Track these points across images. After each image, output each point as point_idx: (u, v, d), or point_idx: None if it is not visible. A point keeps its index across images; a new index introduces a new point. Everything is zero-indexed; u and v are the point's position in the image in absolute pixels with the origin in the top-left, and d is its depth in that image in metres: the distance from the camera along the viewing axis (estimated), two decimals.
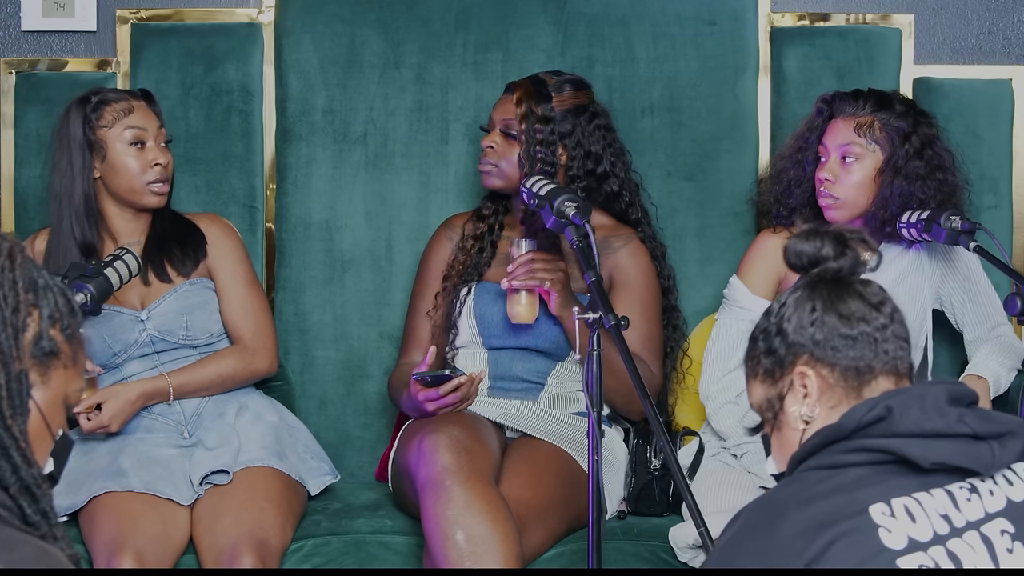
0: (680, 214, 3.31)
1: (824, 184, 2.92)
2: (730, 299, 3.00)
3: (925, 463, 1.58)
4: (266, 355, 2.98)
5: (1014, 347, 3.01)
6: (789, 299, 1.74)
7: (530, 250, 2.82)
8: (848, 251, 1.73)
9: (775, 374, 1.73)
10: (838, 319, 1.69)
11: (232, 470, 2.76)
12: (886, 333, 1.71)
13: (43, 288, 1.58)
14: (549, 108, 2.93)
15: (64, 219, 2.90)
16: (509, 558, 2.51)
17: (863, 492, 1.57)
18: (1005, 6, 3.48)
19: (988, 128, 3.34)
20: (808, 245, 1.74)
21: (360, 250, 3.32)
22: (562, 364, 2.96)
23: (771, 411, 1.75)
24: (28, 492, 1.52)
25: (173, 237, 2.96)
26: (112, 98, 2.90)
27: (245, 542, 2.61)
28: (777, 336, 1.72)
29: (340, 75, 3.33)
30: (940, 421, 1.60)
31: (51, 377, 1.59)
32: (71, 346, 1.61)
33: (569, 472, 2.79)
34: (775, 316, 1.74)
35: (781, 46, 3.38)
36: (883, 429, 1.60)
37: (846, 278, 1.73)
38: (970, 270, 3.02)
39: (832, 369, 1.69)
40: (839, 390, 1.69)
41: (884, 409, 1.61)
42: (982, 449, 1.60)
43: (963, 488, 1.60)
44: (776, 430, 1.75)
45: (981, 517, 1.58)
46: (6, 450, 1.52)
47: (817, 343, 1.69)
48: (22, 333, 1.55)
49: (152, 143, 2.89)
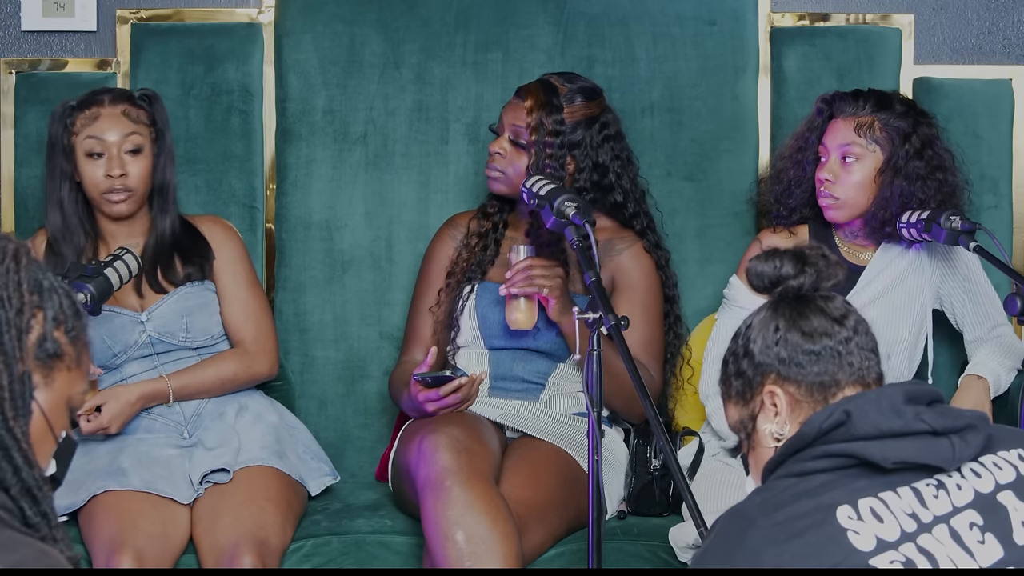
0: (680, 214, 3.31)
1: (824, 184, 2.92)
2: (730, 299, 3.00)
3: (887, 463, 1.60)
4: (267, 358, 2.98)
5: (1014, 347, 3.01)
6: (754, 320, 1.77)
7: (528, 256, 2.81)
8: (808, 268, 1.76)
9: (746, 395, 1.76)
10: (801, 336, 1.72)
11: (232, 469, 2.76)
12: (850, 346, 1.73)
13: (48, 290, 1.58)
14: (560, 120, 2.92)
15: (54, 222, 2.91)
16: (509, 558, 2.51)
17: (828, 496, 1.58)
18: (1005, 6, 3.48)
19: (988, 128, 3.34)
20: (767, 266, 1.77)
21: (360, 250, 3.32)
22: (563, 365, 2.96)
23: (745, 431, 1.78)
24: (29, 494, 1.52)
25: (171, 246, 2.94)
26: (85, 103, 2.89)
27: (245, 542, 2.61)
28: (745, 358, 1.76)
29: (340, 75, 3.33)
30: (897, 421, 1.61)
31: (54, 379, 1.58)
32: (75, 348, 1.61)
33: (569, 472, 2.79)
34: (742, 338, 1.78)
35: (781, 46, 3.38)
36: (843, 434, 1.62)
37: (808, 295, 1.76)
38: (970, 270, 3.02)
39: (799, 386, 1.72)
40: (807, 405, 1.72)
41: (843, 414, 1.63)
42: (942, 445, 1.61)
43: (930, 485, 1.61)
44: (752, 449, 1.78)
45: (949, 511, 1.60)
46: (7, 452, 1.51)
47: (783, 361, 1.72)
48: (26, 334, 1.55)
49: (115, 152, 2.86)
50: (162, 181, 2.94)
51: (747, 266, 1.80)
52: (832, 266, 1.79)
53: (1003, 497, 1.63)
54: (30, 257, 1.59)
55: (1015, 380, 2.99)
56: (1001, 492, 1.63)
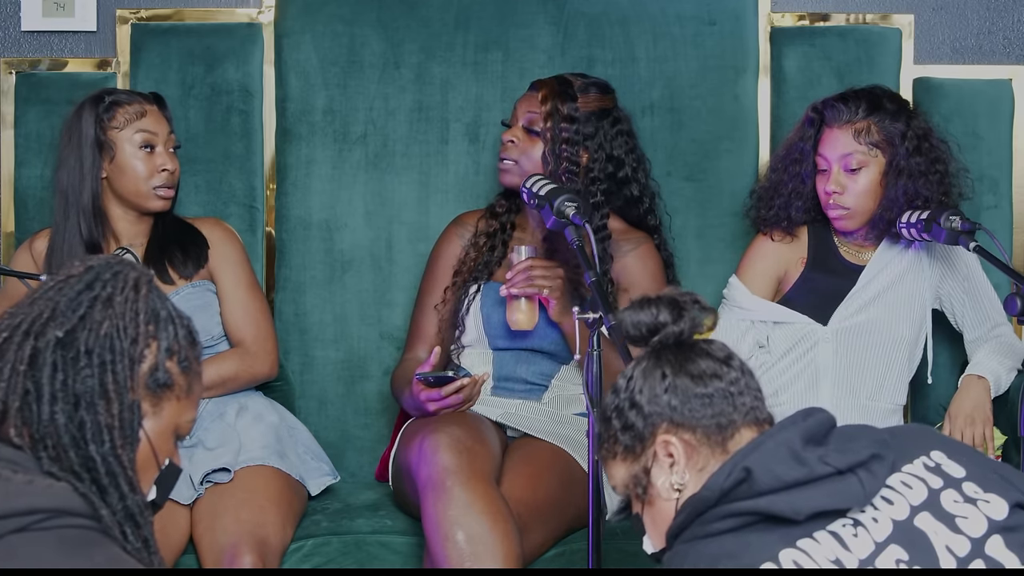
0: (680, 214, 3.31)
1: (832, 196, 2.91)
2: (729, 299, 3.01)
3: (799, 516, 1.55)
4: (266, 359, 2.98)
5: (1014, 347, 3.01)
6: (635, 372, 1.70)
7: (529, 257, 2.81)
8: (685, 313, 1.70)
9: (635, 449, 1.70)
10: (690, 380, 1.67)
11: (233, 469, 2.76)
12: (740, 385, 1.68)
13: (164, 320, 1.62)
14: (574, 108, 2.93)
15: (70, 217, 2.90)
16: (509, 558, 2.51)
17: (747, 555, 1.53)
18: (1005, 6, 3.48)
19: (988, 128, 3.34)
20: (644, 314, 1.71)
21: (360, 250, 3.32)
22: (566, 367, 2.96)
23: (640, 487, 1.71)
24: (132, 519, 1.55)
25: (175, 240, 2.97)
26: (126, 100, 2.92)
27: (245, 541, 2.61)
28: (632, 410, 1.69)
29: (340, 75, 3.33)
30: (801, 469, 1.56)
31: (163, 408, 1.62)
32: (187, 378, 1.64)
33: (570, 473, 2.79)
34: (624, 392, 1.70)
35: (781, 46, 3.38)
36: (746, 491, 1.57)
37: (688, 340, 1.71)
38: (970, 270, 3.02)
39: (694, 432, 1.66)
40: (704, 450, 1.66)
41: (742, 471, 1.58)
42: (851, 484, 1.57)
43: (846, 525, 1.57)
44: (648, 505, 1.71)
45: (872, 551, 1.55)
46: (115, 478, 1.55)
47: (674, 408, 1.66)
48: (138, 364, 1.59)
49: (161, 148, 2.92)
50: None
51: (620, 317, 1.73)
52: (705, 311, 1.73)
53: (920, 521, 1.59)
54: (151, 286, 1.63)
55: (1015, 380, 2.99)
56: (917, 515, 1.59)
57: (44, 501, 1.47)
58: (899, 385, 2.98)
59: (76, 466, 1.54)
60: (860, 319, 2.95)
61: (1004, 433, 2.95)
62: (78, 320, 1.57)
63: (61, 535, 1.46)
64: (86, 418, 1.55)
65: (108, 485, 1.54)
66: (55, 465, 1.54)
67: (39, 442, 1.55)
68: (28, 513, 1.45)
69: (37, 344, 1.56)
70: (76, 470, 1.54)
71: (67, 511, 1.48)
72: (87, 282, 1.60)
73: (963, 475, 1.65)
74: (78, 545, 1.46)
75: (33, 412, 1.55)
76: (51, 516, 1.47)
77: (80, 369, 1.55)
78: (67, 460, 1.54)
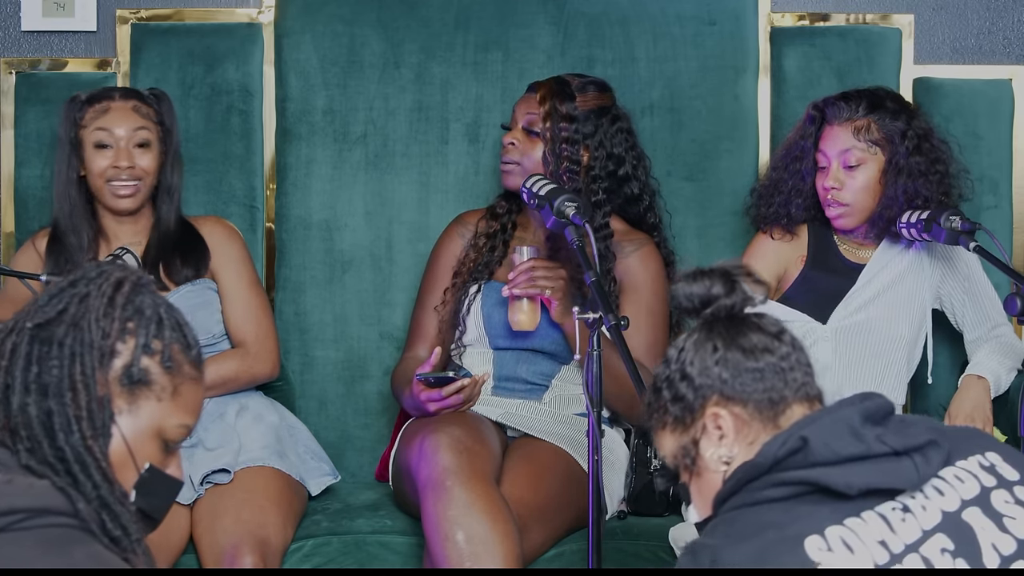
0: (680, 214, 3.31)
1: (831, 193, 2.91)
2: None
3: (851, 491, 1.55)
4: (268, 358, 2.98)
5: (1014, 347, 3.01)
6: (687, 343, 1.71)
7: (531, 257, 2.81)
8: (737, 286, 1.71)
9: (686, 420, 1.70)
10: (742, 354, 1.67)
11: (233, 470, 2.76)
12: (791, 360, 1.68)
13: (148, 318, 1.61)
14: (573, 107, 2.93)
15: (61, 220, 2.91)
16: (509, 558, 2.51)
17: (794, 527, 1.53)
18: (1005, 6, 3.48)
19: (988, 128, 3.34)
20: (698, 287, 1.72)
21: (360, 250, 3.32)
22: (567, 367, 2.95)
23: (688, 458, 1.71)
24: (107, 507, 1.54)
25: (174, 246, 2.95)
26: (95, 97, 2.91)
27: (246, 542, 2.61)
28: (682, 381, 1.69)
29: (340, 75, 3.33)
30: (858, 445, 1.56)
31: (140, 407, 1.60)
32: (171, 379, 1.62)
33: (570, 473, 2.79)
34: (675, 363, 1.71)
35: (781, 46, 3.38)
36: (800, 460, 1.57)
37: (740, 314, 1.71)
38: (970, 270, 3.02)
39: (745, 405, 1.66)
40: (756, 424, 1.66)
41: (799, 440, 1.57)
42: (905, 466, 1.57)
43: (895, 509, 1.57)
44: (695, 476, 1.71)
45: (919, 537, 1.55)
46: (86, 467, 1.55)
47: (725, 381, 1.66)
48: (110, 358, 1.58)
49: (124, 145, 2.88)
50: (168, 180, 2.96)
51: (674, 288, 1.74)
52: (759, 284, 1.73)
53: (969, 515, 1.59)
54: (136, 285, 1.62)
55: (1015, 380, 2.99)
56: (966, 509, 1.59)
57: (24, 501, 1.47)
58: (898, 384, 2.98)
59: (50, 457, 1.54)
60: (859, 318, 2.95)
61: (1004, 433, 2.95)
62: (55, 315, 1.58)
63: (41, 534, 1.46)
64: (54, 408, 1.55)
65: (79, 473, 1.54)
66: (32, 458, 1.54)
67: (15, 434, 1.56)
68: (8, 513, 1.45)
69: (17, 339, 1.58)
70: (51, 461, 1.54)
71: (47, 510, 1.48)
72: (71, 280, 1.62)
73: (1017, 479, 1.64)
74: (57, 544, 1.45)
75: (9, 404, 1.56)
76: (31, 516, 1.46)
77: (50, 360, 1.56)
78: (41, 451, 1.54)
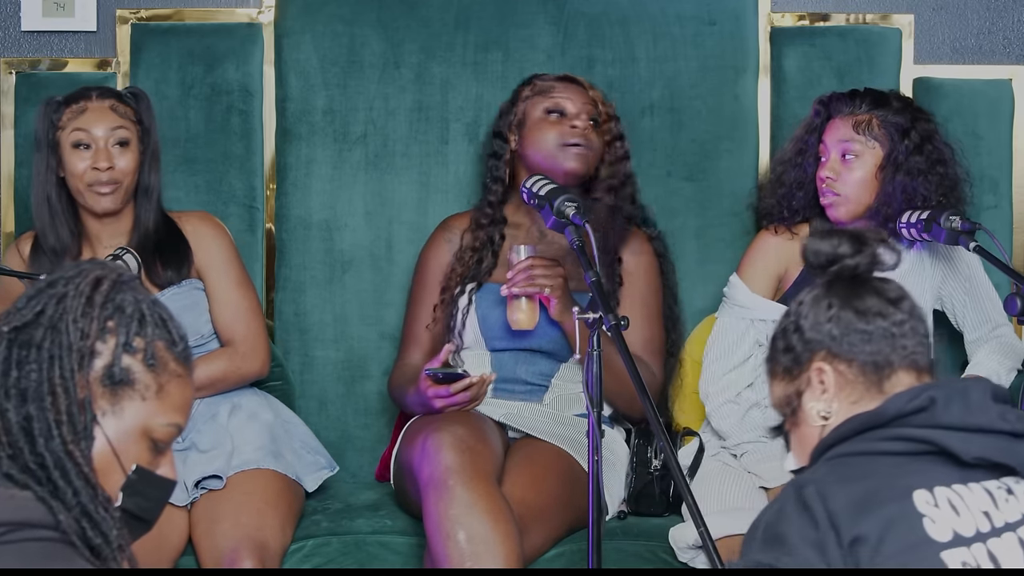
0: (680, 214, 3.31)
1: (826, 182, 2.92)
2: (730, 298, 3.00)
3: (967, 456, 1.58)
4: (257, 357, 2.94)
5: (1014, 347, 3.01)
6: (807, 298, 1.75)
7: (529, 256, 2.81)
8: (865, 249, 1.74)
9: (793, 371, 1.74)
10: (854, 315, 1.71)
11: (226, 475, 2.73)
12: (904, 328, 1.71)
13: (129, 316, 1.57)
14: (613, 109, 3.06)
15: (40, 219, 2.90)
16: (510, 558, 2.51)
17: (904, 480, 1.57)
18: (1005, 6, 3.48)
19: (988, 128, 3.34)
20: (826, 244, 1.75)
21: (360, 250, 3.32)
22: (565, 366, 2.95)
23: (790, 407, 1.76)
24: (87, 516, 1.50)
25: (154, 247, 2.90)
26: (72, 98, 2.89)
27: (245, 545, 2.60)
28: (795, 333, 1.74)
29: (340, 75, 3.33)
30: (983, 416, 1.60)
31: (123, 407, 1.56)
32: (156, 378, 1.58)
33: (571, 473, 2.78)
34: (793, 315, 1.76)
35: (781, 46, 3.38)
36: (925, 419, 1.60)
37: (863, 275, 1.74)
38: (971, 271, 3.02)
39: (850, 364, 1.70)
40: (859, 385, 1.70)
41: (927, 399, 1.61)
42: (1021, 447, 1.60)
43: (1000, 488, 1.60)
44: (795, 426, 1.76)
45: (1018, 519, 1.58)
46: (66, 473, 1.51)
47: (834, 339, 1.71)
48: (90, 359, 1.55)
49: (102, 145, 2.85)
50: (147, 180, 2.92)
51: (804, 243, 1.78)
52: (891, 251, 1.77)
53: None
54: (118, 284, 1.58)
55: (1015, 380, 2.99)
56: None
57: (5, 514, 1.44)
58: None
59: (31, 463, 1.50)
60: None
61: None
62: (33, 317, 1.55)
63: (21, 548, 1.42)
64: (33, 413, 1.51)
65: (59, 480, 1.50)
66: (13, 465, 1.51)
67: None
68: None
69: None
70: (31, 468, 1.50)
71: (28, 523, 1.44)
72: (49, 281, 1.58)
73: None
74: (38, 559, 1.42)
75: None
76: (12, 529, 1.43)
77: (28, 364, 1.53)
78: (22, 458, 1.51)
